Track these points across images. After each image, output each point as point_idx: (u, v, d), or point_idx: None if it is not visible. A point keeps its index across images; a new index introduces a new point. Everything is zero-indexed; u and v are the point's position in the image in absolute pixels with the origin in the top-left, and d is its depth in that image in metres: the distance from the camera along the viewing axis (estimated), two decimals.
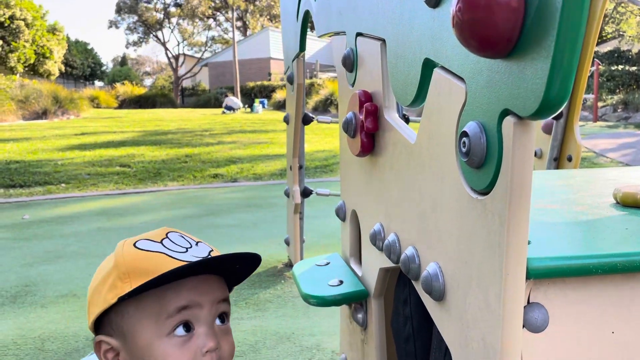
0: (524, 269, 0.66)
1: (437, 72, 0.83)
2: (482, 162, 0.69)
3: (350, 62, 1.34)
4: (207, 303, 0.82)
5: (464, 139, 0.71)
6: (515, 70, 0.60)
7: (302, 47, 2.17)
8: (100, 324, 0.84)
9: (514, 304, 0.67)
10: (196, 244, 0.87)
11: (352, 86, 1.36)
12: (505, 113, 0.63)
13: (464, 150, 0.71)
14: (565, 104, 2.29)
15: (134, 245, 0.84)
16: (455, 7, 0.62)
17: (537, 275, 0.69)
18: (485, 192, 0.70)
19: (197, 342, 0.80)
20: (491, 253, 0.69)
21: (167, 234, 0.87)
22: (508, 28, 0.58)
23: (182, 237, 0.88)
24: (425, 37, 0.85)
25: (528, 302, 0.71)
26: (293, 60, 2.41)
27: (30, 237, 3.77)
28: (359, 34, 1.26)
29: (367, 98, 1.21)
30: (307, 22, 2.07)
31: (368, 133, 1.19)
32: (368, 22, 1.17)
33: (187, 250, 0.85)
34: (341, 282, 1.39)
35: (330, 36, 1.58)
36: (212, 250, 0.88)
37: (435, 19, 0.80)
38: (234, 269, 0.88)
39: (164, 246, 0.84)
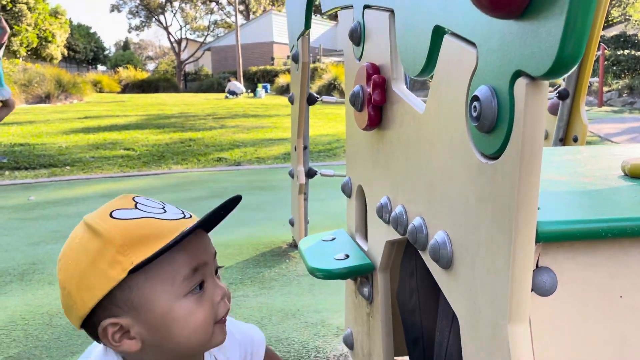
0: (534, 232, 0.66)
1: (447, 39, 0.82)
2: (493, 125, 0.69)
3: (358, 36, 1.33)
4: (210, 259, 0.84)
5: (475, 103, 0.71)
6: (529, 30, 0.60)
7: (308, 24, 2.16)
8: (96, 310, 0.78)
9: (523, 268, 0.68)
10: (163, 205, 0.85)
11: (359, 60, 1.35)
12: (517, 75, 0.63)
13: (474, 114, 0.71)
14: (566, 80, 2.25)
15: (111, 216, 0.79)
16: None
17: (547, 238, 0.69)
18: (495, 156, 0.70)
19: (211, 293, 0.82)
20: (501, 217, 0.69)
21: (134, 199, 0.84)
22: None
23: (148, 199, 0.86)
24: (435, 4, 0.84)
25: (537, 266, 0.72)
26: (298, 39, 2.40)
27: (36, 217, 3.79)
28: (366, 7, 1.25)
29: (374, 70, 1.20)
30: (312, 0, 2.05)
31: (375, 106, 1.19)
32: None
33: (165, 211, 0.83)
34: (347, 256, 1.39)
35: (337, 10, 1.57)
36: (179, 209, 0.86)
37: None
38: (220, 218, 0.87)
39: (143, 211, 0.82)
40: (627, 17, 24.65)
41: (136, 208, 0.82)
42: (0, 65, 5.53)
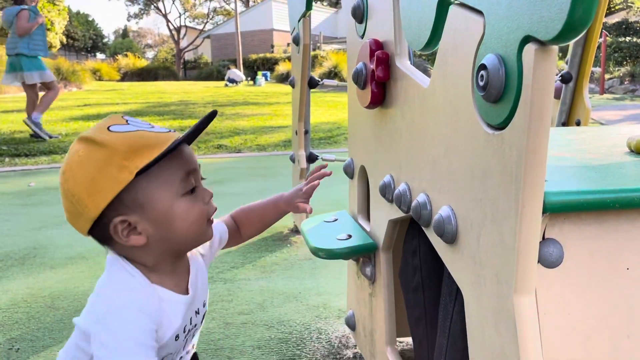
0: (541, 202, 0.66)
1: (453, 9, 0.81)
2: (500, 94, 0.68)
3: (361, 13, 1.32)
4: (197, 167, 0.97)
5: (482, 72, 0.70)
6: None
7: (309, 5, 2.14)
8: (106, 211, 0.89)
9: (529, 239, 0.67)
10: (150, 124, 0.96)
11: (362, 37, 1.34)
12: (525, 41, 0.62)
13: (481, 84, 0.70)
14: (569, 63, 2.23)
15: (109, 130, 0.90)
16: None
17: (554, 209, 0.68)
18: (502, 126, 0.69)
19: (201, 194, 0.96)
20: (507, 188, 0.68)
21: (123, 117, 0.94)
22: None
23: (136, 119, 0.96)
24: None
25: (543, 237, 0.71)
26: (299, 20, 2.37)
27: (37, 203, 3.78)
28: None
29: (378, 46, 1.19)
30: None
31: (379, 83, 1.18)
32: None
33: (153, 127, 0.94)
34: (349, 236, 1.39)
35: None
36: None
37: None
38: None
39: (135, 126, 0.93)
40: (629, 4, 24.46)
41: (128, 124, 0.93)
42: (46, 46, 5.83)
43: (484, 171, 0.74)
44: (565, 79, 2.67)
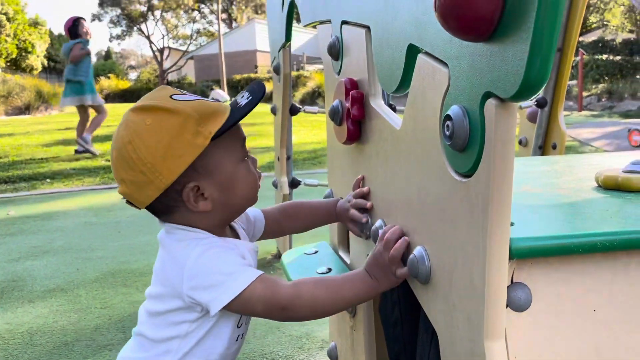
0: (507, 249, 0.68)
1: (421, 57, 0.84)
2: (466, 145, 0.70)
3: (336, 51, 1.34)
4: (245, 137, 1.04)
5: (448, 122, 0.72)
6: (497, 53, 0.61)
7: (288, 37, 2.17)
8: (177, 178, 0.92)
9: (497, 284, 0.69)
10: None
11: (338, 74, 1.36)
12: (487, 96, 0.64)
13: (447, 133, 0.72)
14: (545, 85, 2.29)
15: (173, 98, 0.94)
16: None
17: (520, 255, 0.70)
18: (468, 174, 0.71)
19: (252, 161, 1.04)
20: (475, 234, 0.70)
21: (171, 91, 0.98)
22: (488, 10, 0.59)
23: (182, 90, 1.01)
24: (409, 23, 0.86)
25: (512, 281, 0.73)
26: (279, 51, 2.41)
27: (15, 232, 3.73)
28: (344, 22, 1.26)
29: (353, 85, 1.21)
30: (292, 12, 2.06)
31: (354, 120, 1.20)
32: (353, 10, 1.18)
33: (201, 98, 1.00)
34: (329, 269, 1.40)
35: (315, 25, 1.58)
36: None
37: (418, 5, 0.81)
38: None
39: (191, 96, 0.98)
40: (605, 22, 25.14)
41: (184, 94, 0.98)
42: (91, 74, 6.70)
43: (454, 216, 0.76)
44: (540, 103, 2.73)
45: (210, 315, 0.93)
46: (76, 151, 6.99)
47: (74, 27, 6.69)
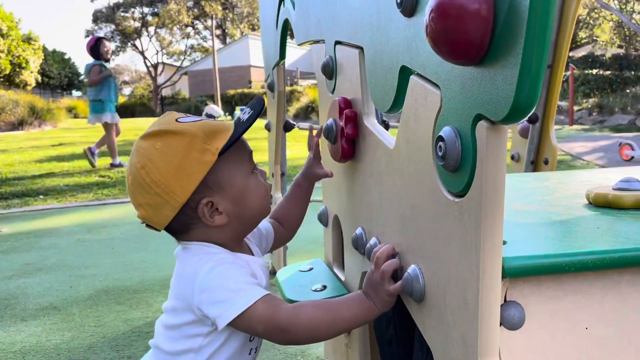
0: (500, 269, 0.69)
1: (413, 79, 0.85)
2: (458, 165, 0.71)
3: (330, 70, 1.36)
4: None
5: (440, 143, 0.73)
6: (487, 76, 0.62)
7: (282, 55, 2.19)
8: (191, 195, 0.96)
9: (490, 303, 0.70)
10: (214, 117, 1.12)
11: (332, 93, 1.38)
12: (478, 118, 0.66)
13: (440, 154, 0.74)
14: (534, 108, 2.33)
15: (178, 121, 0.99)
16: (428, 16, 0.64)
17: (513, 274, 0.71)
18: (461, 194, 0.72)
19: (261, 174, 1.07)
20: (468, 254, 0.71)
21: (177, 115, 1.03)
22: (478, 36, 0.61)
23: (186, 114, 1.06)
24: (401, 45, 0.87)
25: (505, 300, 0.73)
26: (273, 68, 2.43)
27: (8, 250, 3.70)
28: (337, 42, 1.28)
29: (346, 105, 1.23)
30: (286, 31, 2.08)
31: (348, 139, 1.21)
32: (346, 31, 1.20)
33: (206, 115, 1.09)
34: (324, 287, 1.40)
35: (309, 44, 1.60)
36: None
37: (410, 28, 0.83)
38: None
39: (195, 117, 1.03)
40: (595, 38, 25.48)
41: (188, 116, 1.02)
42: (111, 94, 6.96)
43: (447, 235, 0.77)
44: (531, 119, 2.76)
45: (222, 332, 0.96)
46: (111, 165, 7.25)
47: (96, 46, 6.89)
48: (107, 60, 7.09)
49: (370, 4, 1.01)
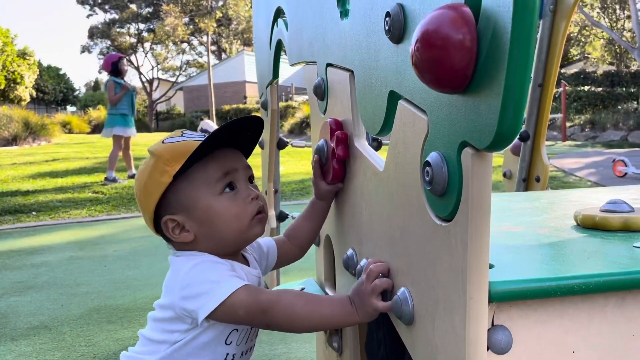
0: (486, 294, 0.69)
1: (401, 103, 0.87)
2: (445, 190, 0.72)
3: (321, 91, 1.38)
4: (240, 167, 1.07)
5: (427, 168, 0.74)
6: (471, 105, 0.64)
7: (276, 74, 2.21)
8: (159, 211, 1.03)
9: (477, 328, 0.70)
10: (205, 134, 1.06)
11: (324, 114, 1.39)
12: (463, 144, 0.67)
13: (427, 179, 0.75)
14: (526, 122, 2.35)
15: (163, 142, 1.04)
16: (414, 46, 0.65)
17: (500, 298, 0.72)
18: (448, 219, 0.73)
19: (243, 194, 1.05)
20: (455, 278, 0.71)
21: (182, 132, 1.08)
22: (462, 66, 0.62)
23: (195, 132, 1.08)
24: (390, 71, 0.89)
25: (492, 324, 0.74)
26: (267, 87, 2.44)
27: None
28: (329, 64, 1.30)
29: (337, 126, 1.24)
30: (280, 50, 2.10)
31: (339, 160, 1.22)
32: (337, 54, 1.21)
33: (204, 136, 1.05)
34: None
35: (302, 64, 1.62)
36: None
37: (398, 54, 0.84)
38: (247, 137, 1.11)
39: (186, 137, 1.06)
40: (586, 55, 25.81)
41: (182, 135, 1.06)
42: (127, 108, 7.24)
43: (435, 259, 0.77)
44: (522, 137, 2.79)
45: (198, 327, 1.00)
46: (106, 179, 7.50)
47: (117, 63, 7.25)
48: (123, 78, 7.37)
49: (360, 29, 1.03)
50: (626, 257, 0.84)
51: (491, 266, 0.79)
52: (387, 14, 0.84)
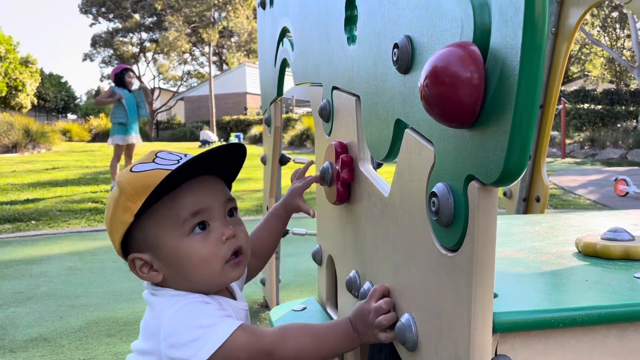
0: (490, 324, 0.70)
1: (408, 132, 0.88)
2: (451, 221, 0.73)
3: (327, 113, 1.39)
4: (215, 204, 0.94)
5: (434, 199, 0.76)
6: (478, 140, 0.65)
7: (280, 92, 2.23)
8: (127, 246, 0.94)
9: (481, 357, 0.71)
10: (185, 155, 0.96)
11: (329, 136, 1.41)
12: (470, 178, 0.68)
13: (433, 209, 0.76)
14: (524, 172, 2.36)
15: (131, 170, 0.93)
16: (423, 82, 0.67)
17: (503, 329, 0.73)
18: (454, 249, 0.74)
19: (216, 233, 0.93)
20: (460, 308, 0.72)
21: (156, 154, 0.96)
22: (470, 103, 0.64)
23: (171, 153, 0.97)
24: (397, 100, 0.90)
25: (495, 354, 0.75)
26: (271, 104, 2.47)
27: None
28: (334, 88, 1.32)
29: (342, 149, 1.25)
30: (284, 69, 2.13)
31: (344, 183, 1.24)
32: (343, 78, 1.23)
33: (178, 162, 0.93)
34: None
35: (307, 85, 1.64)
36: None
37: (405, 84, 0.86)
38: (225, 164, 0.98)
39: (157, 163, 0.93)
40: (586, 73, 25.98)
41: (153, 162, 0.94)
42: (128, 116, 7.18)
43: (439, 287, 0.78)
44: None
45: None
46: (112, 189, 7.65)
47: (121, 74, 7.25)
48: (129, 90, 7.33)
49: (367, 56, 1.05)
50: (627, 287, 0.85)
51: (495, 295, 0.80)
52: (395, 45, 0.86)
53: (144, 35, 36.06)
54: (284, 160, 2.76)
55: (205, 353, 0.85)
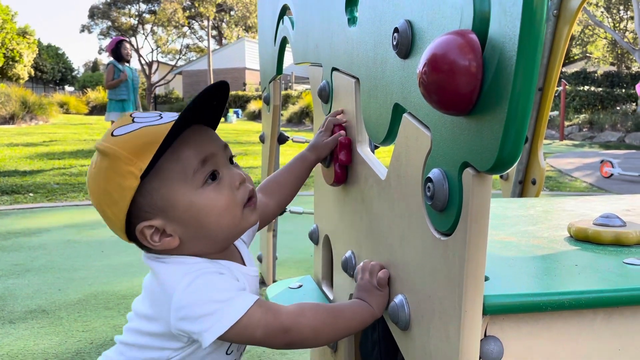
0: (481, 307, 0.72)
1: (406, 117, 0.89)
2: (445, 206, 0.75)
3: (326, 95, 1.40)
4: (218, 150, 0.90)
5: (429, 184, 0.77)
6: (474, 128, 0.66)
7: (279, 70, 2.22)
8: (130, 219, 0.86)
9: (471, 338, 0.73)
10: (160, 113, 0.90)
11: None
12: (465, 165, 0.70)
13: (428, 194, 0.77)
14: (517, 161, 2.35)
15: (113, 135, 0.85)
16: (421, 69, 0.68)
17: (493, 311, 0.75)
18: (447, 233, 0.76)
19: (228, 180, 0.89)
20: (452, 290, 0.74)
21: (131, 116, 0.89)
22: (467, 91, 0.65)
23: (145, 113, 0.90)
24: (395, 84, 0.91)
25: (485, 335, 0.77)
26: (270, 82, 2.46)
27: None
28: (334, 69, 1.32)
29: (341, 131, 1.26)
30: (284, 47, 2.12)
31: (342, 165, 1.25)
32: (343, 60, 1.23)
33: (161, 117, 0.88)
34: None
35: (307, 64, 1.64)
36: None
37: (405, 69, 0.87)
38: (212, 107, 0.91)
39: (139, 122, 0.86)
40: (587, 54, 25.80)
41: (133, 122, 0.87)
42: (129, 92, 7.05)
43: (432, 270, 0.80)
44: None
45: (198, 346, 0.87)
46: None
47: (117, 48, 6.94)
48: (128, 61, 7.12)
49: (367, 39, 1.05)
50: (616, 273, 0.87)
51: (486, 278, 0.82)
52: (396, 30, 0.86)
53: (142, 6, 35.55)
54: (282, 139, 2.77)
55: (220, 328, 0.81)
